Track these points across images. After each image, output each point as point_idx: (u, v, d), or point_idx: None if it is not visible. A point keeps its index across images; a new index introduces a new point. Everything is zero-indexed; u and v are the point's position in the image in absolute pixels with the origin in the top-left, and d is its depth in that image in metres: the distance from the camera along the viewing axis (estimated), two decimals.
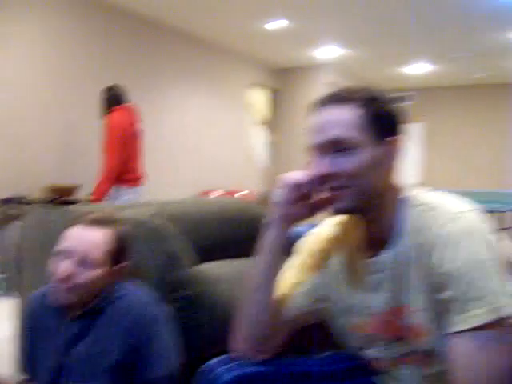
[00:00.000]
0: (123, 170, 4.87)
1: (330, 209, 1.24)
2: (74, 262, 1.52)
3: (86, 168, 5.40)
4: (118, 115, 4.90)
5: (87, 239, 1.54)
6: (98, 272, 1.54)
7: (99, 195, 4.82)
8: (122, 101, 5.04)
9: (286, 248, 1.34)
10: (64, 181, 5.54)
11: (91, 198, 4.89)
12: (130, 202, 4.74)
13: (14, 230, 4.01)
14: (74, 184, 5.37)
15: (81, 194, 5.36)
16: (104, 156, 4.83)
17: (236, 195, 8.31)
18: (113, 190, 4.92)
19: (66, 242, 1.55)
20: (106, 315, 1.55)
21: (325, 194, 1.23)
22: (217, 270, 1.86)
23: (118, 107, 4.94)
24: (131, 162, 4.97)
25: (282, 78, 10.16)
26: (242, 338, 1.34)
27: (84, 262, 1.52)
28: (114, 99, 5.01)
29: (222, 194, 8.20)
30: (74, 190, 5.36)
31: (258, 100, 10.12)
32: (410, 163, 11.23)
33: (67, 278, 1.50)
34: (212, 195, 8.04)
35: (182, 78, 7.93)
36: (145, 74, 7.22)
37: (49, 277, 1.56)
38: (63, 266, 1.51)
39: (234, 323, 1.36)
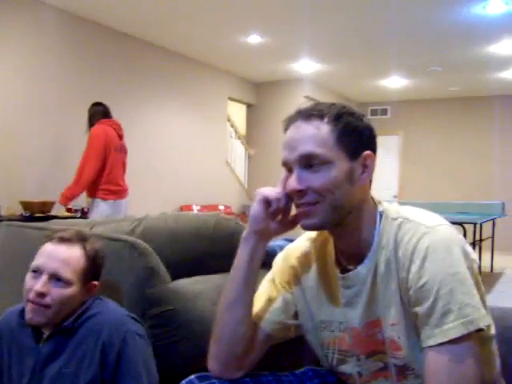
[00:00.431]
0: (103, 181, 4.89)
1: (300, 225, 1.25)
2: (46, 280, 1.50)
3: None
4: (100, 127, 4.96)
5: (59, 256, 1.52)
6: (70, 290, 1.52)
7: (66, 200, 4.85)
8: (107, 116, 5.08)
9: (262, 262, 1.34)
10: (48, 196, 5.51)
11: (59, 200, 4.93)
12: (109, 216, 4.75)
13: None
14: (50, 200, 5.32)
15: (58, 210, 5.32)
16: (80, 164, 4.84)
17: (215, 209, 8.31)
18: (93, 202, 4.96)
19: (39, 260, 1.53)
20: (80, 333, 1.52)
21: (295, 210, 1.23)
22: (195, 285, 1.85)
23: (102, 121, 4.98)
24: (112, 175, 4.97)
25: (260, 92, 10.22)
26: (218, 355, 1.32)
27: (56, 280, 1.50)
28: (98, 114, 5.05)
29: (200, 209, 8.19)
30: (50, 205, 5.31)
31: (236, 114, 10.15)
32: (388, 176, 11.32)
33: (39, 295, 1.48)
34: (191, 210, 8.03)
35: (161, 92, 7.96)
36: (125, 89, 7.26)
37: (22, 294, 1.53)
38: (35, 284, 1.49)
39: (211, 339, 1.35)
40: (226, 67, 9.15)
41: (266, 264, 1.42)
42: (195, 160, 8.65)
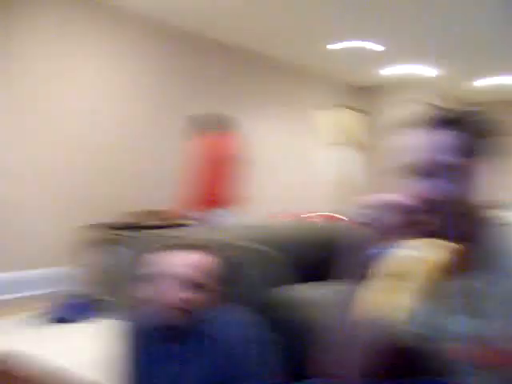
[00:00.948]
0: (207, 192, 5.00)
1: (429, 233, 1.20)
2: (177, 286, 1.55)
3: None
4: (205, 139, 5.10)
5: (183, 263, 1.57)
6: (200, 295, 1.56)
7: (181, 214, 5.01)
8: (216, 127, 5.20)
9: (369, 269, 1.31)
10: (151, 206, 5.74)
11: (174, 212, 5.11)
12: (225, 224, 4.85)
13: (110, 254, 4.16)
14: (168, 209, 5.51)
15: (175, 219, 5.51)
16: (190, 179, 4.99)
17: (328, 218, 8.21)
18: (208, 212, 5.09)
19: (161, 267, 1.58)
20: (204, 338, 1.56)
21: (424, 219, 1.19)
22: (314, 292, 1.86)
23: (208, 133, 5.10)
24: (214, 186, 5.11)
25: (366, 97, 10.06)
26: (341, 361, 1.32)
27: (188, 286, 1.55)
28: (207, 125, 5.19)
29: (313, 217, 8.11)
30: (162, 214, 5.50)
31: (344, 120, 10.00)
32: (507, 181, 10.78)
33: (176, 301, 1.53)
34: (283, 218, 7.92)
35: (260, 100, 8.06)
36: (223, 98, 7.36)
37: (145, 299, 1.59)
38: (168, 290, 1.55)
39: (330, 346, 1.34)
40: (327, 73, 9.10)
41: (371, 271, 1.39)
42: (294, 168, 8.68)
